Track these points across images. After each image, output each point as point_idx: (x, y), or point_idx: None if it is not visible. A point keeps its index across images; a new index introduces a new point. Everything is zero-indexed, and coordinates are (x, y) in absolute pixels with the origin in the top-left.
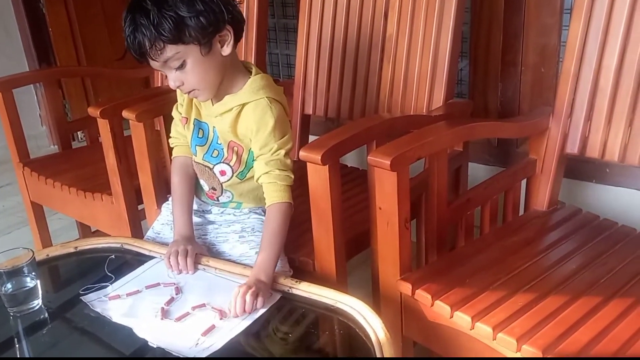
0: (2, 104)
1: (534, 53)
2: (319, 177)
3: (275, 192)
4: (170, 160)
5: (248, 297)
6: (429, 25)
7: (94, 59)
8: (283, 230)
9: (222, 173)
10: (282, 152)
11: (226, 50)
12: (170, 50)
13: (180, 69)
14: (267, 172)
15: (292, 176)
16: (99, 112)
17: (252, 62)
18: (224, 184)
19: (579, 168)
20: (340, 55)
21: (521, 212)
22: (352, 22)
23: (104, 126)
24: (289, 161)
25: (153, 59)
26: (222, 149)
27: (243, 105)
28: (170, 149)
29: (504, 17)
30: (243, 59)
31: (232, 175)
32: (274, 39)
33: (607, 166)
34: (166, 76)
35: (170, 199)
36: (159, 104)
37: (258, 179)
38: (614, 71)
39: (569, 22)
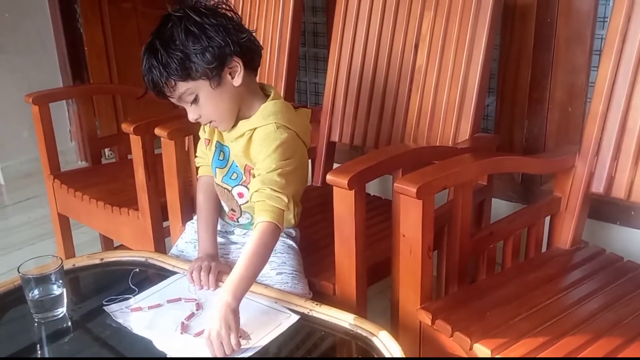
0: (38, 117)
1: (562, 91)
2: (344, 202)
3: (262, 211)
4: (197, 179)
5: (224, 343)
6: (459, 58)
7: (125, 78)
8: (264, 251)
9: (240, 195)
10: (279, 171)
11: (237, 80)
12: (182, 87)
13: (195, 103)
14: (258, 190)
15: (286, 200)
16: (132, 129)
17: (281, 89)
18: (242, 206)
19: (603, 209)
20: (369, 84)
21: (544, 249)
22: (383, 52)
23: (135, 142)
24: (284, 182)
25: (168, 96)
26: (241, 172)
27: (254, 130)
28: (197, 168)
29: (533, 54)
30: (273, 85)
31: (250, 198)
32: (303, 67)
33: (632, 208)
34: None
35: (195, 217)
36: (190, 123)
37: (251, 197)
38: None
39: (599, 62)
